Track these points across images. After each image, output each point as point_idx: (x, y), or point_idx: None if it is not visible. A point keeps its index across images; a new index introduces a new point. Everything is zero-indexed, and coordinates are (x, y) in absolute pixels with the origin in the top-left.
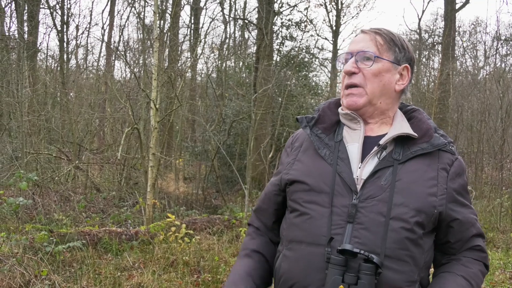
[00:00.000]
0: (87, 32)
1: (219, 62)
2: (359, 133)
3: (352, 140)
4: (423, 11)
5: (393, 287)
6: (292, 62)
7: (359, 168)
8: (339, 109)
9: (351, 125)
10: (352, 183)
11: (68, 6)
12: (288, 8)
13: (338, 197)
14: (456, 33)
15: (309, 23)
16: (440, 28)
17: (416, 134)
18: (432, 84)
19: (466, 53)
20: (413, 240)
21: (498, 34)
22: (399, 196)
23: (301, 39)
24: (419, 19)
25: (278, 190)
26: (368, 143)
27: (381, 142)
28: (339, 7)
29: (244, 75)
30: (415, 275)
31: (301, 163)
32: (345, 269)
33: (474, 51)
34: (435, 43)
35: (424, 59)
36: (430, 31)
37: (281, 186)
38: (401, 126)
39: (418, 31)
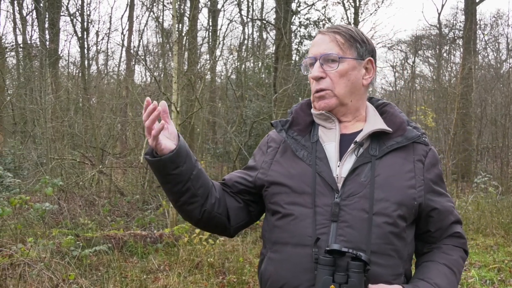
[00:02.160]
0: (107, 37)
1: (238, 63)
2: (334, 131)
3: (329, 139)
4: (443, 6)
5: (381, 282)
6: None
7: (338, 166)
8: (312, 110)
9: (326, 124)
10: (332, 181)
11: (88, 12)
12: (306, 7)
13: (320, 196)
14: (477, 27)
15: (327, 21)
16: (460, 22)
17: (390, 129)
18: (454, 79)
19: (488, 46)
20: (396, 234)
21: None
22: (380, 191)
23: None
24: (439, 14)
25: (247, 186)
26: (344, 141)
27: (357, 139)
28: (357, 4)
29: (263, 75)
30: (400, 268)
31: (280, 165)
32: (334, 268)
33: (496, 44)
34: (455, 38)
35: (445, 54)
36: (451, 26)
37: (255, 184)
38: (375, 122)
39: (438, 25)
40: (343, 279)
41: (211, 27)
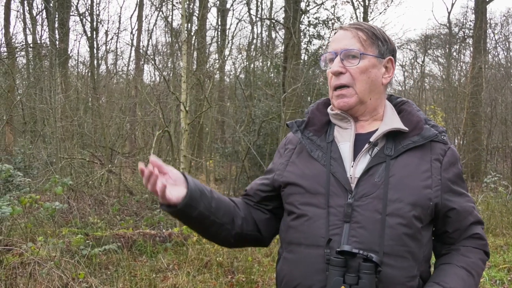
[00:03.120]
0: (116, 37)
1: (247, 62)
2: (350, 131)
3: (344, 139)
4: (453, 4)
5: (394, 284)
6: (320, 60)
7: (352, 166)
8: (328, 109)
9: (341, 124)
10: (346, 182)
11: (97, 12)
12: (315, 6)
13: (333, 197)
14: (487, 26)
15: (337, 20)
16: (470, 21)
17: (406, 128)
18: (464, 78)
19: (498, 45)
20: (411, 235)
21: None
22: (394, 192)
23: (329, 37)
24: (449, 13)
25: (268, 190)
26: (360, 141)
27: (372, 139)
28: (367, 4)
29: (272, 75)
30: (414, 270)
31: (295, 165)
32: (346, 269)
33: (507, 43)
34: (465, 37)
35: (454, 53)
36: (460, 25)
37: (274, 186)
38: (391, 121)
39: (447, 25)
40: (353, 280)
41: (220, 27)
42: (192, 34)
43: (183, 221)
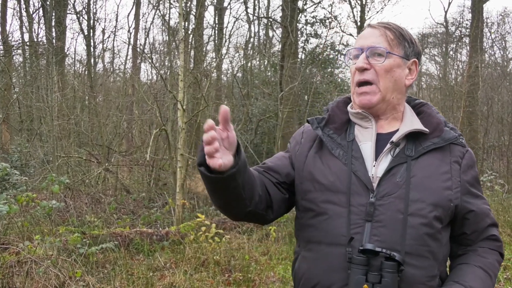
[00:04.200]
0: (113, 35)
1: (244, 61)
2: (371, 131)
3: (365, 138)
4: (449, 4)
5: (415, 283)
6: (318, 59)
7: (374, 166)
8: (349, 108)
9: (362, 123)
10: (368, 181)
11: (94, 10)
12: (312, 5)
13: (355, 196)
14: (484, 25)
15: (334, 19)
16: (467, 20)
17: (427, 130)
18: (461, 77)
19: (494, 44)
20: (432, 235)
21: None
22: (415, 192)
23: (326, 36)
24: (445, 12)
25: (287, 166)
26: (381, 141)
27: (394, 139)
28: (364, 2)
29: (269, 73)
30: (435, 269)
31: (315, 161)
32: (368, 268)
33: (503, 42)
34: (462, 36)
35: (451, 52)
36: (457, 24)
37: (292, 166)
38: (412, 122)
39: (444, 24)
40: (376, 279)
41: (217, 25)
42: (190, 32)
43: (212, 187)
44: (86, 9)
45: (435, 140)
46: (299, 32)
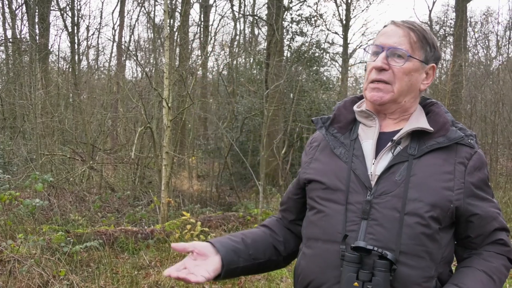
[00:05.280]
0: (97, 32)
1: (230, 59)
2: (374, 129)
3: (367, 136)
4: (434, 3)
5: (409, 283)
6: (303, 57)
7: (373, 164)
8: (355, 107)
9: (366, 122)
10: (366, 179)
11: (78, 7)
12: (297, 3)
13: (353, 194)
14: (468, 24)
15: (319, 17)
16: (451, 19)
17: (431, 128)
18: (445, 76)
19: (478, 43)
20: (429, 235)
21: (510, 24)
22: (414, 191)
23: (312, 34)
24: (430, 11)
25: (297, 189)
26: (383, 139)
27: (395, 137)
28: (349, 1)
29: (255, 71)
30: (432, 270)
31: (318, 162)
32: (360, 266)
33: (486, 41)
34: (446, 35)
35: None
36: (441, 23)
37: (300, 184)
38: (417, 121)
39: (429, 23)
40: (367, 277)
41: (202, 23)
42: (175, 30)
43: (234, 277)
44: (70, 6)
45: (440, 139)
46: (284, 30)
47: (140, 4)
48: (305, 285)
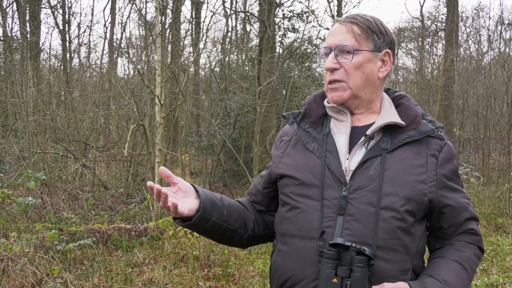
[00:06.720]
0: (89, 30)
1: (222, 56)
2: (346, 124)
3: (340, 131)
4: None
5: (386, 277)
6: (295, 53)
7: (347, 159)
8: (325, 102)
9: (338, 117)
10: (341, 174)
11: (69, 5)
12: None
13: (328, 189)
14: (459, 19)
15: (311, 13)
16: (442, 14)
17: (403, 123)
18: (436, 71)
19: (469, 38)
20: (404, 229)
21: (501, 19)
22: (388, 186)
23: (304, 30)
24: (421, 6)
25: (268, 183)
26: (356, 134)
27: (368, 132)
28: None
29: (247, 68)
30: (407, 263)
31: (290, 157)
32: (338, 262)
33: (478, 36)
34: (438, 30)
35: (427, 46)
36: (433, 18)
37: (271, 179)
38: (389, 115)
39: (420, 18)
40: (346, 273)
41: (194, 20)
42: (166, 27)
43: (197, 232)
44: (61, 3)
45: (411, 133)
46: (276, 27)
47: (132, 1)
48: (282, 282)
